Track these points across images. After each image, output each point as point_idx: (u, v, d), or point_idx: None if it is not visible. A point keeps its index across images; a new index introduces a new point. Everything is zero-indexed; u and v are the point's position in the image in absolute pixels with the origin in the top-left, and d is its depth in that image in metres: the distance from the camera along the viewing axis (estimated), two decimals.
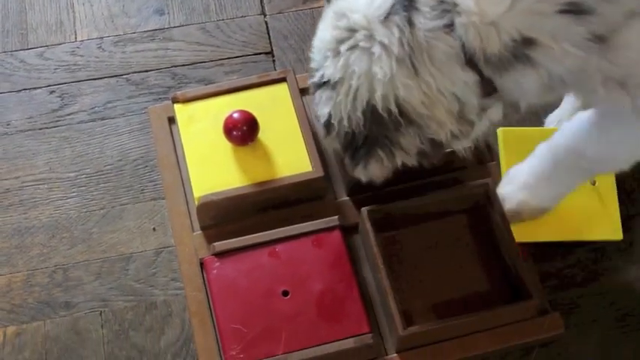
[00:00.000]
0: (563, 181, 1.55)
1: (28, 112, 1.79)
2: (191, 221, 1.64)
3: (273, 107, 1.67)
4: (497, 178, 1.63)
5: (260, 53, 1.87)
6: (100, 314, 1.59)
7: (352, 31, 1.26)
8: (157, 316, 1.59)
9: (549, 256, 1.62)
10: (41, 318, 1.59)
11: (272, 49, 1.87)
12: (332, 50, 1.29)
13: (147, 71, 1.84)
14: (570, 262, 1.63)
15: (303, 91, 1.71)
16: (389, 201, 1.58)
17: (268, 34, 1.89)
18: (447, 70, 1.23)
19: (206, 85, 1.80)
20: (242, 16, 1.91)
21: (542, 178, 1.55)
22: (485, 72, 1.23)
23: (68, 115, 1.79)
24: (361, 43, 1.25)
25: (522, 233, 1.58)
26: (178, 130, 1.66)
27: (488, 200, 1.57)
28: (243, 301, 1.51)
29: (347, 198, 1.65)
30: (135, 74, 1.83)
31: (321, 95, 1.33)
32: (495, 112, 1.33)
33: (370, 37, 1.24)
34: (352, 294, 1.52)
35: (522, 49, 1.18)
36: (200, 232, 1.62)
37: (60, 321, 1.58)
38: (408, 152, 1.33)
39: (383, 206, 1.57)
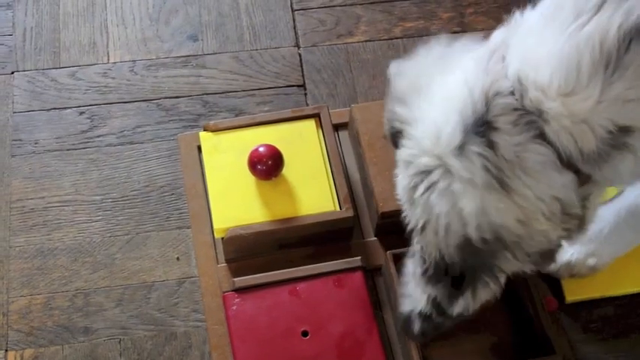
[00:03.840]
0: (622, 240, 1.53)
1: (57, 131, 1.79)
2: (216, 253, 1.63)
3: (299, 143, 1.66)
4: None
5: (292, 85, 1.86)
6: (119, 342, 1.58)
7: (424, 173, 1.22)
8: (177, 347, 1.58)
9: (576, 310, 1.61)
10: (59, 342, 1.58)
11: (304, 82, 1.86)
12: (408, 199, 1.27)
13: (178, 97, 1.83)
14: (598, 316, 1.61)
15: (337, 127, 1.71)
16: None
17: (301, 66, 1.88)
18: (544, 177, 1.18)
19: (236, 115, 1.80)
20: (276, 47, 1.90)
21: (599, 235, 1.54)
22: (584, 169, 1.19)
23: (97, 137, 1.79)
24: (439, 184, 1.21)
25: (574, 291, 1.60)
26: (202, 159, 1.66)
27: None
28: (262, 339, 1.51)
29: (374, 239, 1.64)
30: (166, 100, 1.83)
31: (413, 236, 1.30)
32: (597, 195, 1.28)
33: (446, 173, 1.20)
34: (372, 338, 1.51)
35: (619, 138, 1.14)
36: (225, 264, 1.61)
37: (78, 346, 1.58)
38: (509, 272, 1.28)
39: (407, 250, 1.55)
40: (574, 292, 1.61)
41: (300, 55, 1.90)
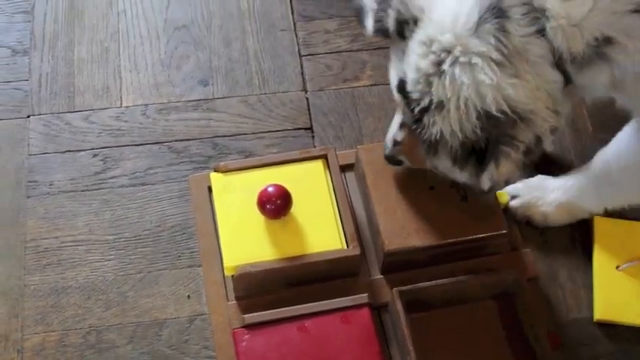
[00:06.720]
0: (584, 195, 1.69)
1: (71, 173, 1.84)
2: (226, 290, 1.66)
3: (307, 183, 1.70)
4: (531, 266, 1.68)
5: (300, 128, 1.91)
6: None
7: (448, 51, 1.36)
8: None
9: (580, 345, 1.63)
10: None
11: (312, 125, 1.91)
12: (435, 74, 1.38)
13: (189, 140, 1.88)
14: (600, 352, 1.63)
15: (344, 169, 1.75)
16: (421, 281, 1.61)
17: (309, 110, 1.93)
18: (541, 71, 1.35)
19: (246, 157, 1.84)
20: (284, 92, 1.95)
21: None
22: (570, 70, 1.36)
23: (110, 178, 1.83)
24: (460, 59, 1.34)
25: (605, 311, 1.64)
26: (213, 199, 1.70)
27: (519, 288, 1.59)
28: None
29: (380, 276, 1.67)
30: (177, 142, 1.88)
31: (429, 119, 1.40)
32: (566, 105, 1.44)
33: (466, 51, 1.34)
34: None
35: (602, 48, 1.31)
36: (234, 302, 1.65)
37: None
38: (526, 141, 1.41)
39: (413, 287, 1.59)
40: (604, 313, 1.64)
41: (307, 99, 1.95)
